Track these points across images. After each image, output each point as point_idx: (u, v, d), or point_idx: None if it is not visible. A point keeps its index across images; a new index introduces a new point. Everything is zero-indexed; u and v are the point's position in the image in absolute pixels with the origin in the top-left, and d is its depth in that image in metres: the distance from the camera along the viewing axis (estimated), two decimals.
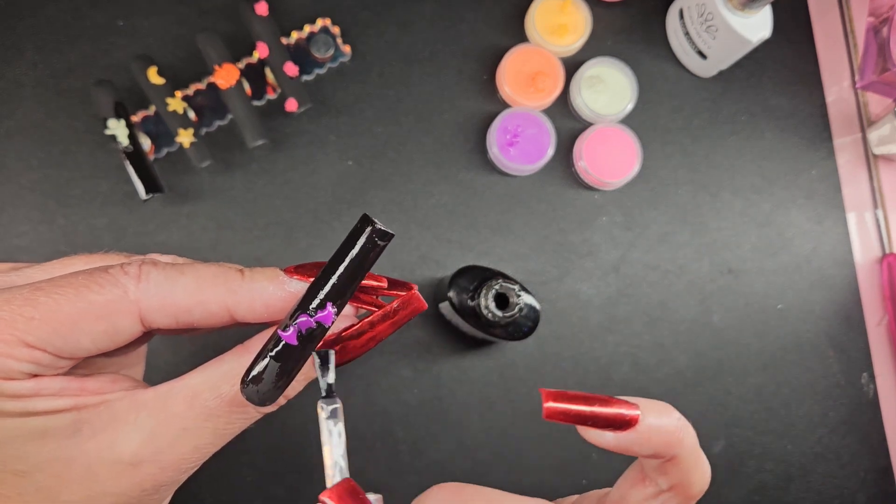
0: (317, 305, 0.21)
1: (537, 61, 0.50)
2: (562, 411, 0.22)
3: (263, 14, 0.47)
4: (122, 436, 0.21)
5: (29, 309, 0.20)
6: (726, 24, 0.48)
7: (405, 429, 0.47)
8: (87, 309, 0.21)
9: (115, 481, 0.21)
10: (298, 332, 0.21)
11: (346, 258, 0.21)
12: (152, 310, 0.21)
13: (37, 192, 0.47)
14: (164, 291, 0.21)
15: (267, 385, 0.21)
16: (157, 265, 0.22)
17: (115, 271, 0.21)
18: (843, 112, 0.55)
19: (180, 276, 0.22)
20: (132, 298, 0.21)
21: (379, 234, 0.21)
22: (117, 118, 0.45)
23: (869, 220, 0.54)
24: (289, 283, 0.23)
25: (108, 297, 0.21)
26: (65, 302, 0.21)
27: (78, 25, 0.49)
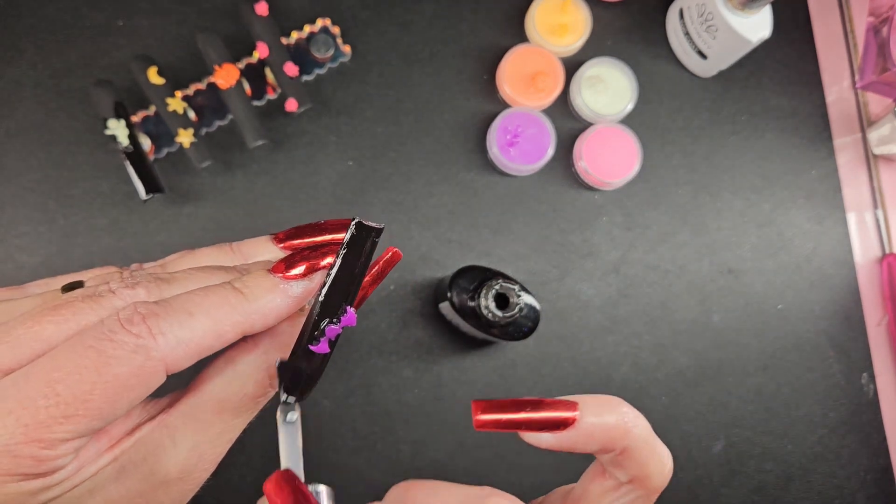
0: (339, 313, 0.22)
1: (537, 61, 0.50)
2: (492, 421, 0.23)
3: (263, 14, 0.47)
4: (164, 460, 0.22)
5: (55, 409, 0.19)
6: (726, 24, 0.48)
7: (406, 429, 0.47)
8: (118, 385, 0.20)
9: (168, 497, 0.22)
10: (329, 340, 0.22)
11: (355, 268, 0.22)
12: (177, 361, 0.21)
13: (37, 193, 0.47)
14: (184, 340, 0.21)
15: (306, 389, 0.23)
16: (160, 314, 0.20)
17: (125, 338, 0.20)
18: (843, 112, 0.55)
19: (190, 319, 0.21)
20: (157, 357, 0.20)
21: (376, 234, 0.23)
22: (117, 118, 0.45)
23: (869, 220, 0.54)
24: (290, 288, 0.23)
25: (133, 367, 0.20)
26: (90, 389, 0.19)
27: (78, 25, 0.49)
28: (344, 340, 0.47)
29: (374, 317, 0.48)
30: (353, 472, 0.46)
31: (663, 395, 0.50)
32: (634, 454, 0.22)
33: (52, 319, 0.21)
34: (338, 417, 0.47)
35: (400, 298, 0.48)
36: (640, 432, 0.22)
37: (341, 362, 0.47)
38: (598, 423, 0.22)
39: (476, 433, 0.48)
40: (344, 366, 0.47)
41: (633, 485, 0.23)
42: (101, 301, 0.22)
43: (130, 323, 0.20)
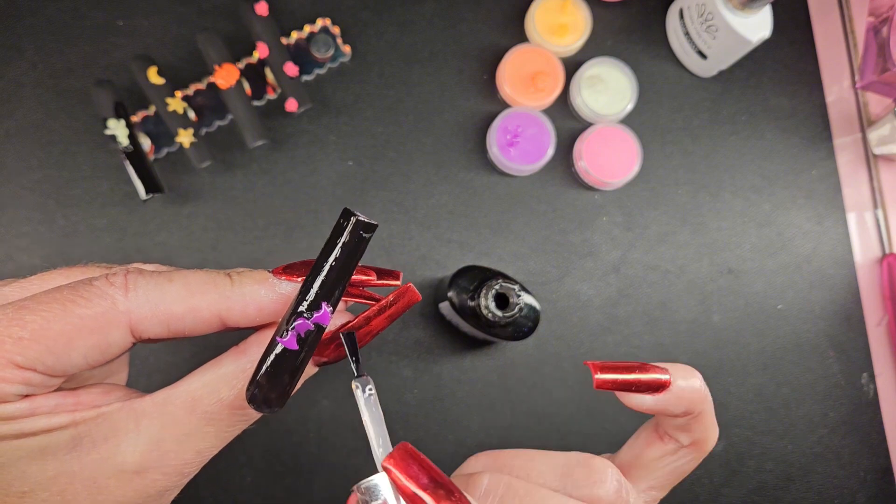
0: (311, 307, 0.21)
1: (537, 61, 0.50)
2: (610, 381, 0.24)
3: (263, 14, 0.47)
4: (124, 446, 0.21)
5: (16, 329, 0.20)
6: (726, 24, 0.48)
7: (406, 428, 0.47)
8: (77, 324, 0.20)
9: (121, 491, 0.21)
10: (298, 336, 0.21)
11: (332, 255, 0.21)
12: (143, 319, 0.21)
13: (37, 193, 0.47)
14: (154, 300, 0.21)
15: (271, 391, 0.21)
16: (144, 273, 0.21)
17: (100, 283, 0.21)
18: (843, 112, 0.55)
19: (169, 284, 0.21)
20: (122, 310, 0.21)
21: (364, 227, 0.21)
22: (117, 118, 0.45)
23: (869, 220, 0.54)
24: (279, 284, 0.22)
25: (96, 311, 0.20)
26: (53, 319, 0.20)
27: (78, 25, 0.49)
28: None
29: None
30: (353, 471, 0.46)
31: None
32: (705, 418, 0.24)
33: (64, 274, 0.23)
34: (338, 417, 0.47)
35: None
36: (710, 399, 0.25)
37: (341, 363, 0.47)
38: (686, 387, 0.24)
39: (476, 433, 0.48)
40: (343, 366, 0.47)
41: (692, 448, 0.25)
42: (112, 268, 0.23)
43: (113, 276, 0.21)
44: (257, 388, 0.21)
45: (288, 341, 0.21)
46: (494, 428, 0.48)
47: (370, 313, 0.24)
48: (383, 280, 0.25)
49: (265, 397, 0.21)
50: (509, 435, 0.48)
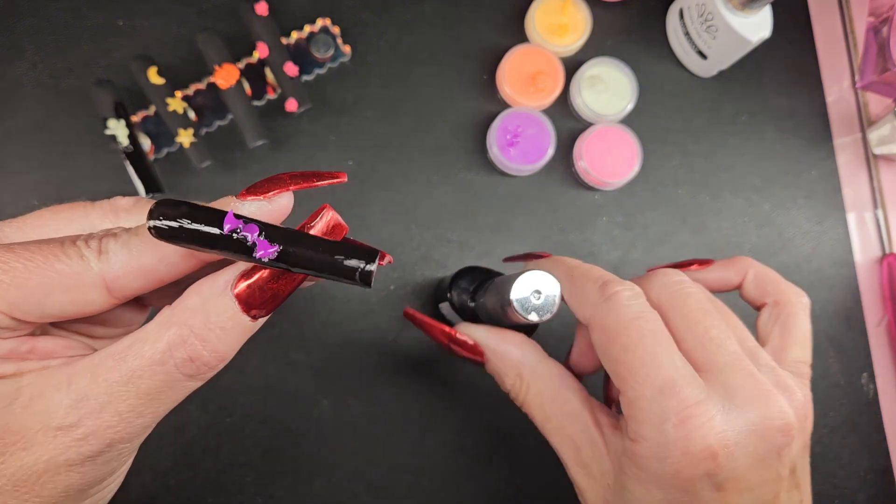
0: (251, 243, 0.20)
1: (537, 61, 0.50)
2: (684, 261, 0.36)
3: (263, 14, 0.47)
4: (54, 401, 0.21)
5: (0, 273, 0.21)
6: (726, 24, 0.48)
7: (405, 428, 0.47)
8: (55, 279, 0.21)
9: (50, 445, 0.21)
10: (264, 238, 0.20)
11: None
12: (117, 279, 0.21)
13: (37, 193, 0.47)
14: (123, 258, 0.21)
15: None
16: (117, 236, 0.22)
17: (80, 244, 0.22)
18: (843, 112, 0.55)
19: (135, 238, 0.22)
20: (96, 271, 0.21)
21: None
22: (117, 118, 0.45)
23: (869, 221, 0.54)
24: (243, 206, 0.21)
25: (73, 269, 0.21)
26: (34, 268, 0.21)
27: (78, 25, 0.49)
28: (344, 339, 0.48)
29: (373, 317, 0.48)
30: (353, 471, 0.46)
31: None
32: (763, 277, 0.33)
33: (52, 211, 0.25)
34: (337, 417, 0.47)
35: (400, 298, 0.48)
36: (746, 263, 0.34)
37: (340, 361, 0.47)
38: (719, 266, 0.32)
39: (476, 433, 0.48)
40: (343, 365, 0.47)
41: (776, 306, 0.32)
42: (95, 204, 0.25)
43: (91, 238, 0.22)
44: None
45: (262, 251, 0.20)
46: (495, 428, 0.48)
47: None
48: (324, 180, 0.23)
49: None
50: (510, 435, 0.48)
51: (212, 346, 0.21)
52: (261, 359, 0.47)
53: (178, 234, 0.20)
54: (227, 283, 0.21)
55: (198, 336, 0.21)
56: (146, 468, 0.45)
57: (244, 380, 0.46)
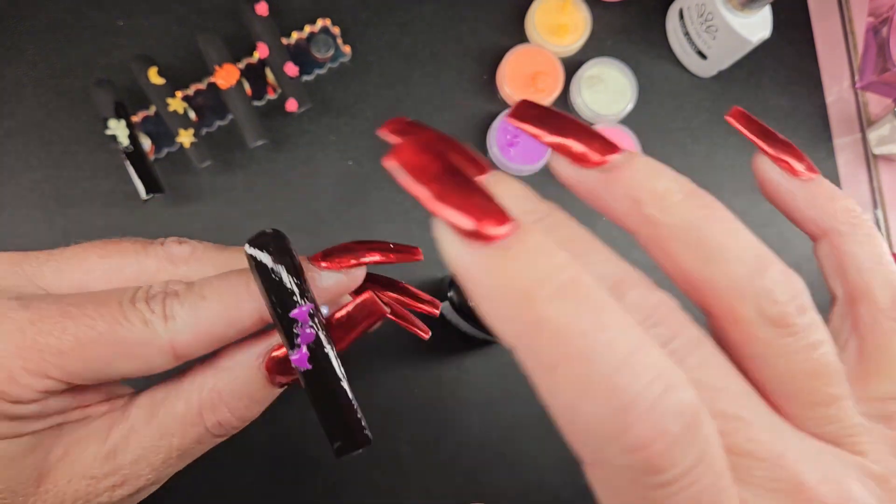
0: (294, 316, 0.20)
1: (537, 61, 0.50)
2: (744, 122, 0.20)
3: (263, 14, 0.47)
4: (88, 453, 0.21)
5: (56, 339, 0.19)
6: (726, 25, 0.48)
7: (405, 429, 0.47)
8: (120, 349, 0.20)
9: (73, 493, 0.21)
10: (309, 348, 0.20)
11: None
12: (186, 345, 0.20)
13: (37, 193, 0.47)
14: (191, 325, 0.20)
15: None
16: (180, 296, 0.21)
17: (142, 307, 0.20)
18: (842, 112, 0.55)
19: (203, 303, 0.20)
20: (165, 338, 0.20)
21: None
22: (118, 118, 0.45)
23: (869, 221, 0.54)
24: (321, 277, 0.22)
25: (140, 337, 0.20)
26: (97, 338, 0.20)
27: (78, 25, 0.49)
28: None
29: None
30: (353, 472, 0.46)
31: None
32: (841, 247, 0.19)
33: (98, 251, 0.23)
34: None
35: None
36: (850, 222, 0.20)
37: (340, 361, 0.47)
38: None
39: (476, 433, 0.48)
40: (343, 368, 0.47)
41: (847, 304, 0.19)
42: (148, 248, 0.23)
43: (153, 299, 0.20)
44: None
45: (299, 358, 0.20)
46: (495, 428, 0.48)
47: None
48: (400, 254, 0.24)
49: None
50: (510, 435, 0.48)
51: (240, 413, 0.22)
52: None
53: (266, 274, 0.20)
54: (259, 355, 0.22)
55: (228, 405, 0.22)
56: None
57: None
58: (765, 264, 0.16)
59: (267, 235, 0.21)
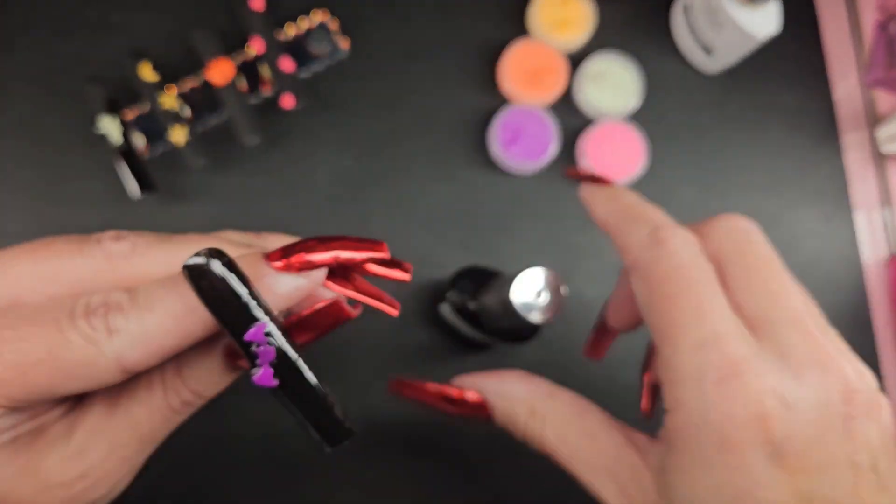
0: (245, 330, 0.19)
1: (540, 57, 0.50)
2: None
3: (259, 9, 0.46)
4: (51, 461, 0.20)
5: None
6: (732, 20, 0.47)
7: (404, 431, 0.47)
8: (63, 369, 0.19)
9: (46, 500, 0.21)
10: (271, 365, 0.20)
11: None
12: (134, 360, 0.19)
13: (28, 191, 0.46)
14: (139, 341, 0.19)
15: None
16: (123, 309, 0.19)
17: (82, 324, 0.19)
18: (850, 109, 0.54)
19: (149, 315, 0.19)
20: (110, 357, 0.19)
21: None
22: (110, 116, 0.44)
23: (877, 220, 0.53)
24: (279, 280, 0.20)
25: (83, 358, 0.19)
26: (37, 363, 0.18)
27: (70, 22, 0.48)
28: (344, 342, 0.47)
29: (372, 319, 0.47)
30: (349, 474, 0.46)
31: None
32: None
33: (29, 255, 0.21)
34: None
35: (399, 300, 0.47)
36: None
37: (340, 364, 0.47)
38: None
39: (476, 435, 0.47)
40: (341, 367, 0.47)
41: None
42: (83, 247, 0.22)
43: (94, 314, 0.19)
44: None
45: (262, 377, 0.19)
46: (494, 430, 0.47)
47: (290, 322, 0.22)
48: (389, 271, 0.23)
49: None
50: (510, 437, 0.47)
51: (202, 393, 0.22)
52: None
53: (207, 293, 0.18)
54: (218, 341, 0.21)
55: (190, 387, 0.21)
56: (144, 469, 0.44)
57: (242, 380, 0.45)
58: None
59: (201, 256, 0.19)
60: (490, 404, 0.29)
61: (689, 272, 0.23)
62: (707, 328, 0.22)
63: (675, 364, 0.22)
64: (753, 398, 0.20)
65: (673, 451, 0.22)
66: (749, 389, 0.20)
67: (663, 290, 0.23)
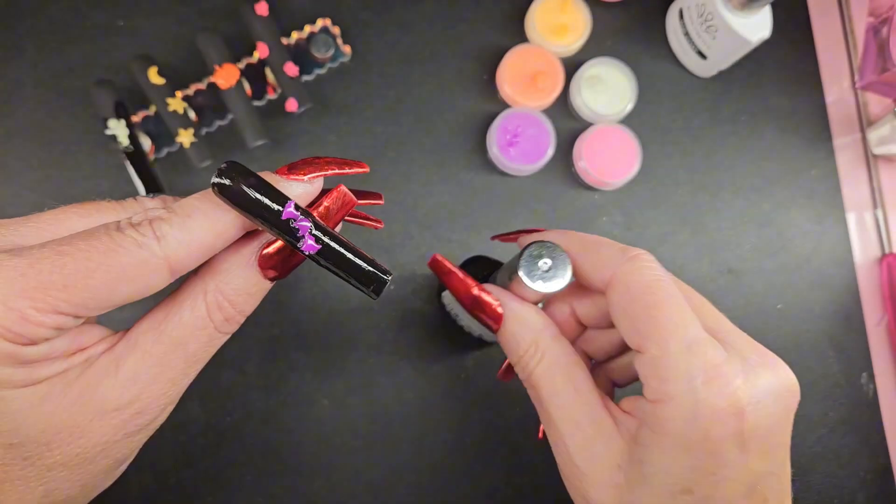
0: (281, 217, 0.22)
1: (537, 61, 0.50)
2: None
3: (264, 14, 0.47)
4: (104, 388, 0.22)
5: (59, 276, 0.20)
6: (726, 25, 0.48)
7: (406, 428, 0.47)
8: (120, 273, 0.21)
9: (102, 430, 0.22)
10: (311, 234, 0.23)
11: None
12: (180, 259, 0.22)
13: (37, 193, 0.47)
14: (185, 241, 0.22)
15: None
16: (166, 219, 0.22)
17: (131, 232, 0.22)
18: (842, 112, 0.55)
19: (190, 221, 0.22)
20: (160, 255, 0.22)
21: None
22: (118, 118, 0.45)
23: (869, 221, 0.54)
24: (290, 185, 0.24)
25: (137, 259, 0.21)
26: (96, 267, 0.21)
27: (78, 25, 0.49)
28: (344, 339, 0.48)
29: (374, 316, 0.48)
30: (351, 471, 0.46)
31: None
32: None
33: (76, 211, 0.24)
34: (337, 416, 0.47)
35: (400, 298, 0.48)
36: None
37: (341, 361, 0.47)
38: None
39: (476, 432, 0.48)
40: (343, 364, 0.47)
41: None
42: (123, 204, 0.25)
43: (140, 225, 0.22)
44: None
45: (307, 246, 0.23)
46: (495, 427, 0.48)
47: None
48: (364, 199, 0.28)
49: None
50: (510, 434, 0.48)
51: (241, 307, 0.24)
52: (261, 358, 0.47)
53: (239, 198, 0.22)
54: (251, 254, 0.24)
55: (231, 301, 0.24)
56: (146, 467, 0.45)
57: (244, 379, 0.46)
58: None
59: (226, 167, 0.22)
60: (504, 319, 0.31)
61: (667, 284, 0.26)
62: (691, 333, 0.25)
63: (665, 364, 0.25)
64: (733, 397, 0.24)
65: (656, 432, 0.25)
66: (729, 389, 0.24)
67: (647, 298, 0.26)
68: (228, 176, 0.22)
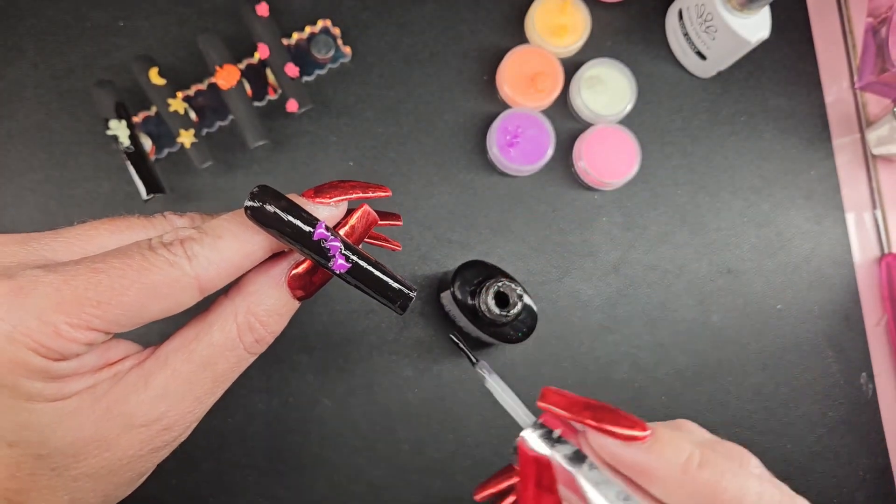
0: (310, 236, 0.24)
1: (537, 62, 0.51)
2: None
3: (264, 15, 0.47)
4: (132, 403, 0.23)
5: (93, 292, 0.21)
6: (725, 25, 0.48)
7: (406, 428, 0.47)
8: (152, 292, 0.22)
9: (128, 444, 0.23)
10: (341, 254, 0.24)
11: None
12: (210, 279, 0.23)
13: (38, 193, 0.47)
14: (214, 261, 0.23)
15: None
16: (197, 239, 0.23)
17: (163, 252, 0.22)
18: (841, 112, 0.55)
19: (220, 241, 0.23)
20: (192, 276, 0.22)
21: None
22: (118, 119, 0.45)
23: (868, 221, 0.54)
24: (318, 209, 0.25)
25: (168, 279, 0.22)
26: (129, 285, 0.21)
27: (79, 26, 0.49)
28: (345, 340, 0.48)
29: (374, 316, 0.48)
30: (353, 471, 0.46)
31: (663, 395, 0.50)
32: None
33: (107, 227, 0.25)
34: (338, 416, 0.47)
35: None
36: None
37: (341, 361, 0.47)
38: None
39: (476, 432, 0.48)
40: (344, 365, 0.47)
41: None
42: (153, 221, 0.26)
43: (171, 244, 0.22)
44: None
45: (338, 265, 0.24)
46: (494, 427, 0.48)
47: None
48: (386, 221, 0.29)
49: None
50: (510, 434, 0.48)
51: (272, 328, 0.25)
52: (263, 360, 0.47)
53: (272, 221, 0.23)
54: (281, 274, 0.25)
55: (262, 322, 0.24)
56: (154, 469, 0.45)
57: (246, 380, 0.46)
58: None
59: (258, 191, 0.23)
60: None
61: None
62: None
63: None
64: None
65: None
66: None
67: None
68: (261, 199, 0.23)
